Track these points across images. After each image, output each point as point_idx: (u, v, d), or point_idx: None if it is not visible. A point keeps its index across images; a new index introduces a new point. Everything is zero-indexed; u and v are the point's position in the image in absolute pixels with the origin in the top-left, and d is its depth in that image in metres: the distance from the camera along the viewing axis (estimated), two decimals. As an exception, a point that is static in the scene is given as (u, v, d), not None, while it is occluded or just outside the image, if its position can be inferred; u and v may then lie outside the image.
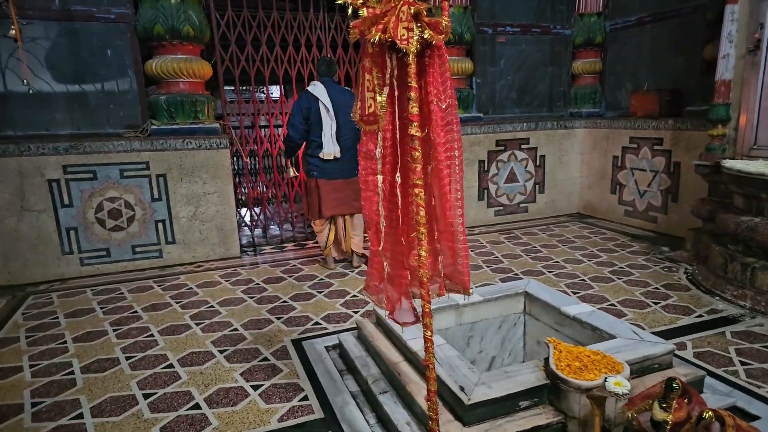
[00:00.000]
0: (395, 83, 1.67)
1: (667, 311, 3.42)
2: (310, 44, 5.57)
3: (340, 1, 1.46)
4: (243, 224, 5.84)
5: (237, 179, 6.23)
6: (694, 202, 4.51)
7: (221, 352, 3.03)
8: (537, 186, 6.42)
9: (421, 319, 1.79)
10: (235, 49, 5.23)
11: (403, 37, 1.46)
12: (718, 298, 3.57)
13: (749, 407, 2.26)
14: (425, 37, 1.50)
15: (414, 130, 1.57)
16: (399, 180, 1.82)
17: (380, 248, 1.92)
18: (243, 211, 6.00)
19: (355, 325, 3.27)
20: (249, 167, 6.23)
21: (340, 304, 3.79)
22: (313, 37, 5.55)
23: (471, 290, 1.94)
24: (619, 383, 1.89)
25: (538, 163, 6.37)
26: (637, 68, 5.91)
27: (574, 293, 3.73)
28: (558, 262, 4.61)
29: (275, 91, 8.64)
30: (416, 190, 1.62)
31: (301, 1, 5.38)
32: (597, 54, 6.38)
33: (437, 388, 1.83)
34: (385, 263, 1.94)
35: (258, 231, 5.88)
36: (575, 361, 2.09)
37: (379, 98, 1.68)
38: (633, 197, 5.82)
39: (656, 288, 3.85)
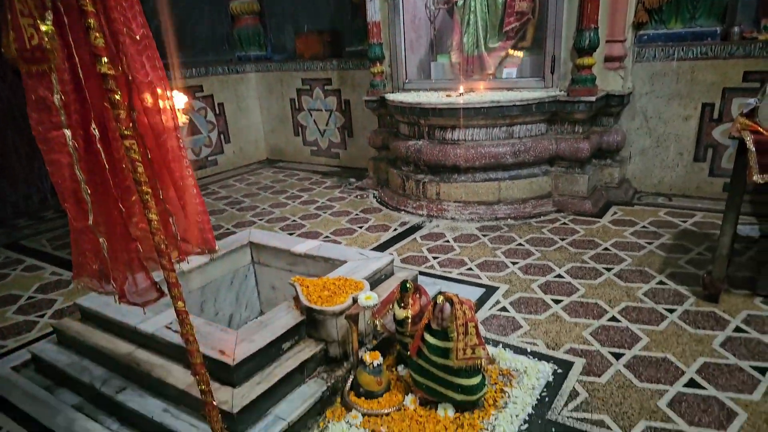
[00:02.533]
0: (61, 7, 1.31)
1: (371, 231, 3.99)
2: None
3: None
4: None
5: None
6: (369, 134, 5.26)
7: None
8: (221, 135, 6.31)
9: (166, 292, 1.59)
10: None
11: None
12: (403, 212, 4.36)
13: (449, 289, 2.91)
14: None
15: (105, 68, 1.27)
16: (97, 133, 1.49)
17: (90, 222, 1.57)
18: None
19: (50, 330, 2.68)
20: None
21: (13, 312, 3.02)
22: None
23: (217, 247, 1.82)
24: (368, 297, 2.15)
25: (218, 112, 6.23)
26: (296, 10, 6.23)
27: (291, 234, 3.94)
28: (265, 208, 4.74)
29: None
30: (127, 143, 1.34)
31: None
32: (253, -7, 6.43)
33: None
34: (101, 239, 1.61)
35: None
36: (324, 291, 2.25)
37: (43, 27, 1.30)
38: (315, 137, 6.37)
39: (357, 214, 4.42)
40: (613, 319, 2.57)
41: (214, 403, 1.61)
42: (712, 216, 3.78)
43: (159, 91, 1.54)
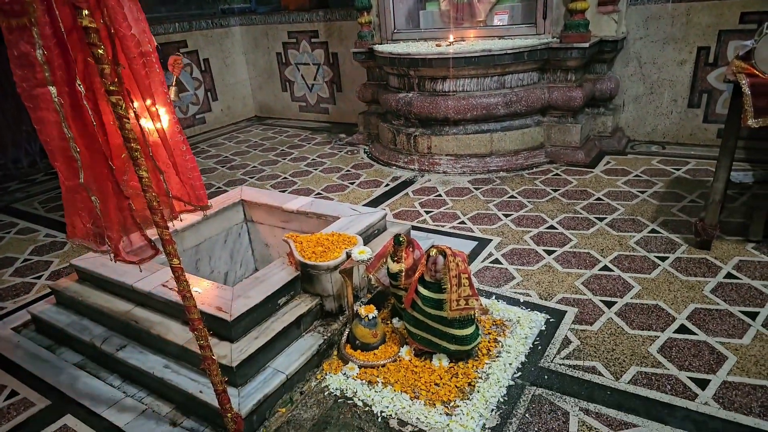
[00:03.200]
0: None
1: (363, 187, 3.95)
2: None
3: None
4: None
5: None
6: (358, 88, 5.13)
7: None
8: (209, 93, 6.15)
9: (161, 249, 1.57)
10: None
11: None
12: (395, 167, 4.30)
13: (442, 243, 2.90)
14: None
15: (86, 21, 1.21)
16: (83, 89, 1.44)
17: (81, 181, 1.54)
18: None
19: (48, 291, 2.68)
20: None
21: (10, 274, 3.01)
22: None
23: (209, 203, 1.79)
24: (362, 251, 2.14)
25: (203, 68, 6.04)
26: (281, -40, 6.02)
27: (283, 192, 3.90)
28: (256, 166, 4.67)
29: None
30: (114, 98, 1.30)
31: None
32: (238, -56, 6.19)
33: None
34: (93, 198, 1.58)
35: None
36: (318, 246, 2.24)
37: None
38: (303, 92, 6.22)
39: (348, 170, 4.37)
40: (606, 268, 2.59)
41: (214, 357, 1.62)
42: (706, 163, 3.76)
43: (142, 48, 1.47)
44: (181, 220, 2.08)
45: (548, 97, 3.98)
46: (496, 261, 2.74)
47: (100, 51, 1.25)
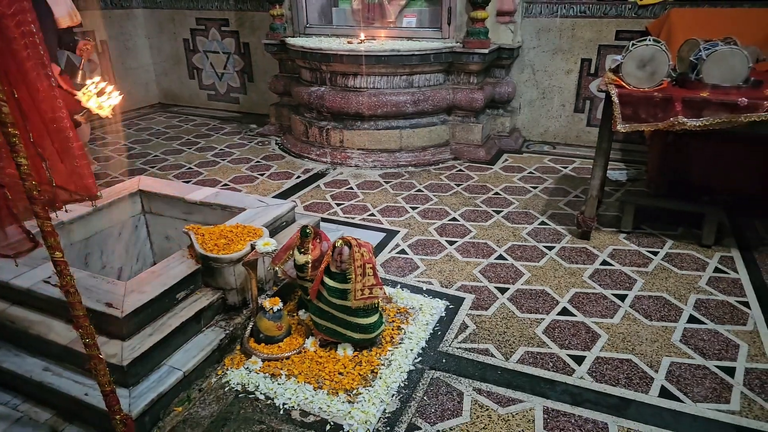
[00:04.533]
0: None
1: (273, 179, 3.83)
2: None
3: None
4: None
5: None
6: (270, 79, 4.96)
7: None
8: (105, 77, 5.66)
9: (41, 242, 1.41)
10: None
11: None
12: (307, 159, 4.22)
13: (352, 234, 2.88)
14: None
15: None
16: None
17: None
18: None
19: None
20: None
21: None
22: None
23: (99, 193, 1.63)
24: (267, 243, 2.06)
25: (100, 50, 5.55)
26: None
27: (186, 182, 3.67)
28: (157, 155, 4.37)
29: None
30: None
31: None
32: None
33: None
34: None
35: None
36: (221, 239, 2.13)
37: None
38: (212, 81, 5.92)
39: (258, 162, 4.21)
40: (500, 257, 2.71)
41: (101, 356, 1.48)
42: (589, 162, 4.05)
43: (23, 28, 1.31)
44: (66, 211, 1.89)
45: (453, 97, 4.10)
46: (403, 251, 2.77)
47: None
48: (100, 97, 1.98)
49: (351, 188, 3.65)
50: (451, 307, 2.29)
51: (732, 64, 2.45)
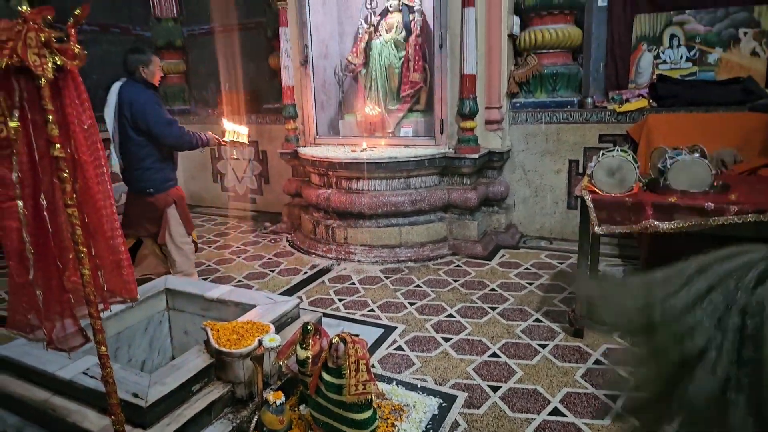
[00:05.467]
0: (26, 105, 1.51)
1: (282, 275, 4.06)
2: None
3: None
4: None
5: None
6: (284, 182, 5.37)
7: None
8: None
9: (92, 338, 1.67)
10: None
11: (36, 64, 1.40)
12: (314, 255, 4.47)
13: (351, 330, 3.04)
14: (59, 63, 1.45)
15: (57, 152, 1.50)
16: (45, 203, 1.63)
17: (30, 278, 1.67)
18: None
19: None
20: None
21: None
22: None
23: (138, 295, 1.89)
24: (272, 339, 2.23)
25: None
26: (218, 70, 6.35)
27: (205, 279, 3.92)
28: (179, 254, 4.67)
29: None
30: (69, 210, 1.54)
31: None
32: (180, 56, 6.53)
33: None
34: (38, 292, 1.69)
35: None
36: (233, 334, 2.31)
37: (11, 123, 1.53)
38: (233, 183, 6.39)
39: (270, 258, 4.46)
40: (494, 354, 2.77)
41: (129, 439, 1.64)
42: (580, 257, 4.23)
43: (98, 170, 1.70)
44: (111, 311, 2.13)
45: (448, 197, 4.40)
46: (399, 348, 2.88)
47: (65, 174, 1.51)
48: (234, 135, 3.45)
49: (353, 283, 3.84)
50: (444, 405, 2.34)
51: (695, 172, 2.61)
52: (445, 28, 4.10)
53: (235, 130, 3.44)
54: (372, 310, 3.38)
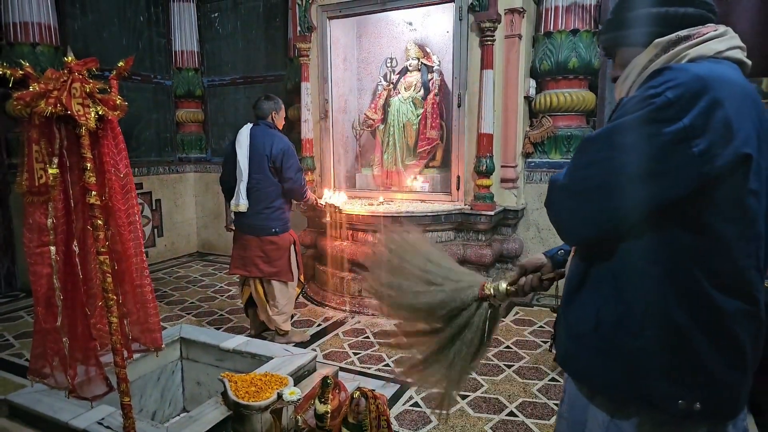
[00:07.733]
0: (65, 153, 1.60)
1: (296, 326, 4.07)
2: None
3: (-1, 72, 1.36)
4: None
5: None
6: (300, 232, 5.45)
7: None
8: (155, 230, 6.27)
9: (116, 387, 1.69)
10: None
11: (80, 113, 1.49)
12: (327, 307, 4.49)
13: (367, 385, 3.03)
14: (101, 113, 1.55)
15: (93, 199, 1.57)
16: (77, 249, 1.68)
17: (58, 324, 1.69)
18: None
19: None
20: None
21: None
22: None
23: (163, 345, 1.91)
24: (293, 392, 2.24)
25: (154, 207, 6.24)
26: (236, 120, 6.57)
27: (218, 329, 3.93)
28: (193, 302, 4.69)
29: None
30: (102, 258, 1.58)
31: None
32: (198, 105, 6.83)
33: (122, 456, 1.72)
34: (64, 339, 1.71)
35: None
36: (251, 386, 2.32)
37: (50, 170, 1.60)
38: (247, 233, 6.49)
39: (283, 309, 4.49)
40: (511, 413, 2.77)
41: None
42: (594, 316, 4.22)
43: (131, 219, 1.77)
44: (134, 359, 2.15)
45: (463, 253, 4.46)
46: (416, 404, 2.87)
47: (99, 221, 1.55)
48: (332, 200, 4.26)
49: (367, 337, 3.84)
50: (462, 462, 2.35)
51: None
52: (463, 89, 4.30)
53: (332, 196, 4.41)
54: (387, 365, 3.37)
